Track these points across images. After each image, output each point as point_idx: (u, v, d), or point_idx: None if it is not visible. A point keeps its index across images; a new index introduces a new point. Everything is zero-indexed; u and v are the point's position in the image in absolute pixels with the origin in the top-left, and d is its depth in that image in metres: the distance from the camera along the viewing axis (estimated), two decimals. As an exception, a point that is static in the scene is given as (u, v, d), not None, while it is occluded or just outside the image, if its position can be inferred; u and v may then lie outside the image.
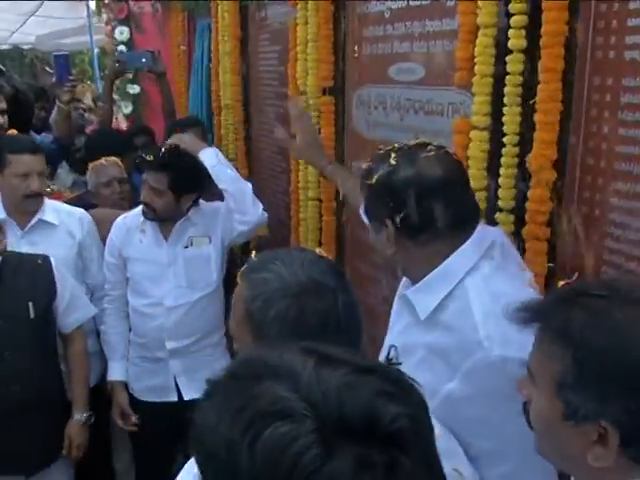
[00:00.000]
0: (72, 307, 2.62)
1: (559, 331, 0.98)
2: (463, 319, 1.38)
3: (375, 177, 1.47)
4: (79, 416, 2.61)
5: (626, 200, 1.56)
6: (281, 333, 1.20)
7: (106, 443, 3.14)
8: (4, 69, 3.82)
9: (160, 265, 2.83)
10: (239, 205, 2.79)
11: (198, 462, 0.69)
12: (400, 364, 1.47)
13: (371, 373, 0.68)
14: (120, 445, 3.26)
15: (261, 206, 2.85)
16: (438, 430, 1.30)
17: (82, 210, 3.02)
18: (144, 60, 3.96)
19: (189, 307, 2.84)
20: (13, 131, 3.24)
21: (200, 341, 2.88)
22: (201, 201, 2.91)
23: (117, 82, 4.74)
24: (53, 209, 2.90)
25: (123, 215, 2.95)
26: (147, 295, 2.86)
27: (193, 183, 2.79)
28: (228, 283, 3.04)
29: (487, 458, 1.36)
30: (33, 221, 2.84)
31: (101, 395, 2.92)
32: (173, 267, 2.83)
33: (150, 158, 2.72)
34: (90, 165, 3.37)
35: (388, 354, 1.51)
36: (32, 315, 2.42)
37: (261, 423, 0.63)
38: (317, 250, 1.31)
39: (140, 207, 2.87)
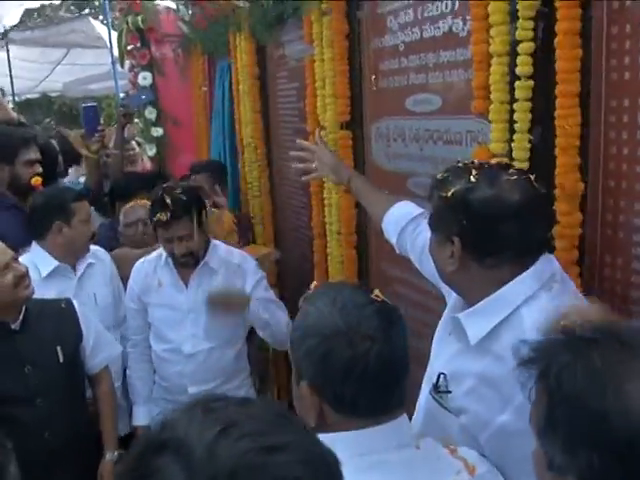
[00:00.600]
0: (98, 347, 2.64)
1: (541, 374, 0.94)
2: None
3: (452, 190, 1.40)
4: (110, 455, 2.61)
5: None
6: (309, 368, 1.20)
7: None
8: (24, 121, 3.91)
9: (179, 311, 2.82)
10: (275, 329, 2.79)
11: None
12: (449, 392, 1.45)
13: (277, 452, 0.64)
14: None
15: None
16: (485, 468, 1.26)
17: (98, 247, 3.10)
18: (144, 97, 4.07)
19: (206, 354, 2.83)
20: (38, 179, 3.30)
21: (222, 386, 2.86)
22: (221, 245, 2.89)
23: (141, 125, 4.83)
24: None
25: (142, 259, 2.95)
26: (166, 340, 2.86)
27: (203, 203, 2.81)
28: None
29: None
30: (85, 264, 2.94)
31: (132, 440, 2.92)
32: (192, 314, 2.81)
33: (165, 217, 2.63)
34: (123, 207, 3.43)
35: (437, 382, 1.49)
36: (61, 360, 2.44)
37: None
38: (375, 292, 1.25)
39: (157, 251, 2.88)
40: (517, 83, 1.75)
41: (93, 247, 3.05)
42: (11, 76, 11.10)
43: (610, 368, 0.87)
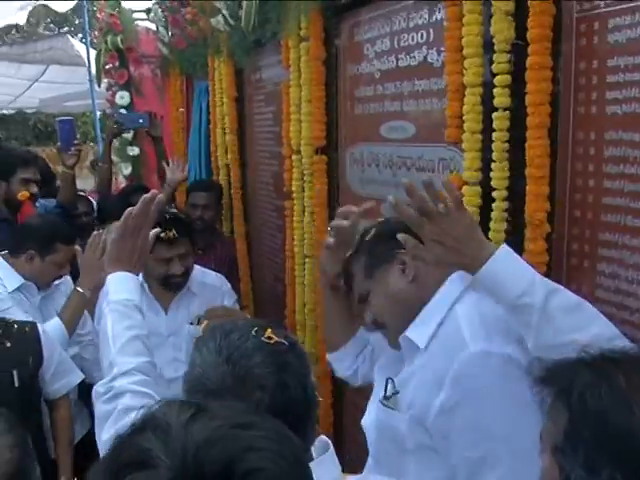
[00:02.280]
0: (59, 374, 2.58)
1: (562, 391, 0.95)
2: (453, 337, 1.44)
3: (368, 236, 1.59)
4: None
5: (615, 250, 1.58)
6: None
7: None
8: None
9: (158, 335, 2.72)
10: None
11: None
12: (398, 392, 1.46)
13: (245, 428, 0.70)
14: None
15: None
16: None
17: None
18: (141, 121, 4.03)
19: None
20: (25, 194, 3.36)
21: None
22: (196, 267, 2.89)
23: (116, 144, 4.82)
24: None
25: None
26: None
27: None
28: None
29: (481, 467, 1.37)
30: (52, 285, 2.95)
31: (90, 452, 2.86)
32: (172, 338, 2.77)
33: (171, 235, 2.63)
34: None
35: (385, 389, 1.52)
36: (16, 384, 2.37)
37: (124, 471, 0.68)
38: (267, 332, 1.18)
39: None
40: (495, 114, 1.79)
41: None
42: (-13, 91, 11.00)
43: (636, 389, 0.89)
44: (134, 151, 4.91)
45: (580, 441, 0.89)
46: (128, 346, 1.51)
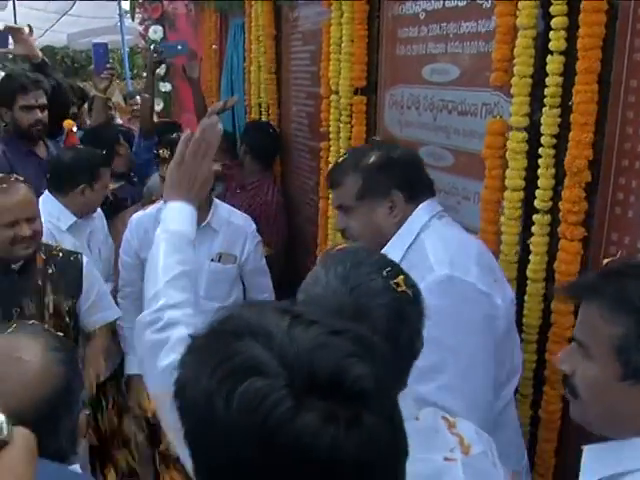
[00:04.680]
0: (96, 307, 2.64)
1: (617, 299, 1.05)
2: (419, 260, 1.63)
3: (373, 157, 1.77)
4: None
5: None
6: None
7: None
8: (48, 62, 3.81)
9: None
10: None
11: (179, 411, 0.75)
12: None
13: (341, 334, 0.73)
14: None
15: None
16: (480, 449, 1.25)
17: None
18: (180, 47, 3.96)
19: (207, 316, 2.80)
20: (69, 122, 3.38)
21: None
22: (223, 205, 2.89)
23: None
24: None
25: (139, 213, 2.91)
26: None
27: None
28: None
29: (428, 373, 1.47)
30: (93, 221, 3.06)
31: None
32: None
33: (166, 154, 2.73)
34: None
35: None
36: (51, 310, 2.43)
37: (238, 377, 0.69)
38: (399, 278, 1.16)
39: (156, 205, 2.82)
40: (549, 58, 1.76)
41: None
42: (15, 23, 10.93)
43: None
44: (166, 87, 4.90)
45: None
46: (177, 280, 1.50)
